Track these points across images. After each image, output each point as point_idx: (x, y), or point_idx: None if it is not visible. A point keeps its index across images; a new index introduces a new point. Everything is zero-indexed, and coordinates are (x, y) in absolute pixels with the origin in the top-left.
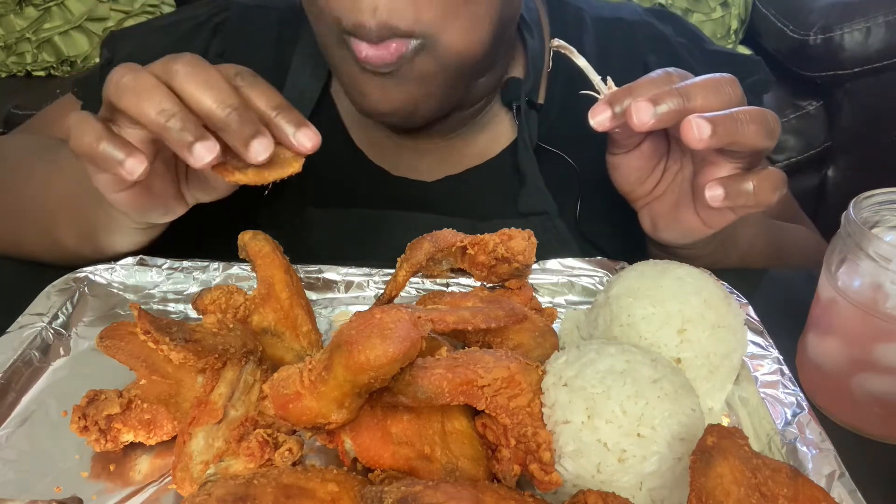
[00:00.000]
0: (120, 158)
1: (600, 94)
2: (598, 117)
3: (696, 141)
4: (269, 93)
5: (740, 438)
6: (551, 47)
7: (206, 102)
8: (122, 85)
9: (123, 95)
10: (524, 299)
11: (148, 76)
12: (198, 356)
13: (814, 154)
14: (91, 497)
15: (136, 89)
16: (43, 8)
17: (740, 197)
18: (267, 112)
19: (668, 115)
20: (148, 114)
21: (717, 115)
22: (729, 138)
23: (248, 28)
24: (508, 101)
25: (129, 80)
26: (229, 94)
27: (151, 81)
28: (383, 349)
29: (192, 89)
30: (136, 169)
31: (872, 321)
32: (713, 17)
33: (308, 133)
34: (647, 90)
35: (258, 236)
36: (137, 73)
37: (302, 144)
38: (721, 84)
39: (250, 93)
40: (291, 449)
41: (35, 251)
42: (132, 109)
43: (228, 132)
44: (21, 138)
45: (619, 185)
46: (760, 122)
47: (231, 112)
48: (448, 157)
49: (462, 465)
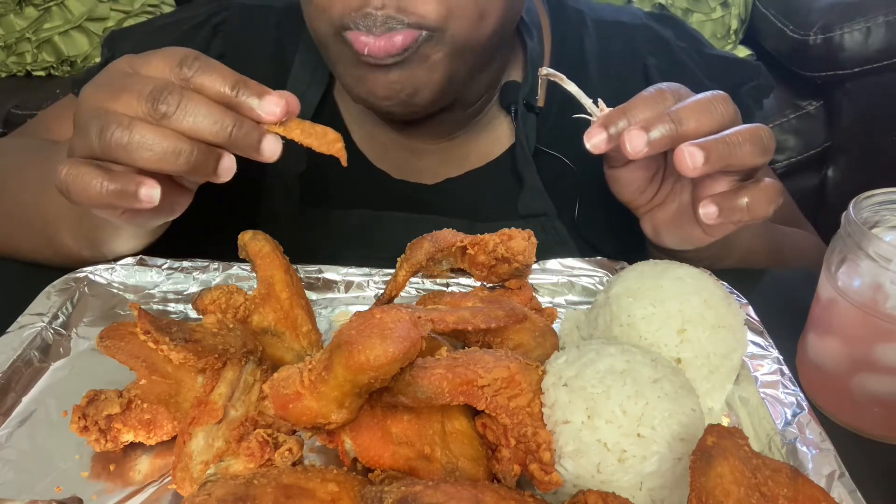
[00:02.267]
0: (133, 191)
1: (593, 116)
2: (593, 140)
3: (689, 170)
4: (222, 72)
5: (740, 438)
6: (540, 76)
7: (205, 134)
8: (116, 143)
9: (128, 154)
10: (524, 299)
11: (141, 128)
12: (198, 356)
13: (814, 154)
14: (91, 497)
15: (138, 145)
16: (43, 8)
17: (735, 213)
18: (226, 93)
19: (661, 141)
20: (164, 166)
21: (710, 141)
22: (723, 163)
23: (248, 28)
24: (507, 104)
25: (120, 137)
26: (221, 115)
27: (146, 135)
28: (383, 349)
29: (187, 127)
30: (153, 196)
31: (872, 321)
32: (713, 17)
33: (271, 99)
34: (641, 111)
35: (258, 236)
36: (128, 129)
37: (270, 112)
38: (713, 104)
39: (202, 79)
40: (291, 449)
41: (35, 255)
42: (150, 166)
43: (237, 147)
44: (17, 142)
45: (619, 196)
46: (754, 142)
47: (231, 129)
48: (448, 160)
49: (462, 465)
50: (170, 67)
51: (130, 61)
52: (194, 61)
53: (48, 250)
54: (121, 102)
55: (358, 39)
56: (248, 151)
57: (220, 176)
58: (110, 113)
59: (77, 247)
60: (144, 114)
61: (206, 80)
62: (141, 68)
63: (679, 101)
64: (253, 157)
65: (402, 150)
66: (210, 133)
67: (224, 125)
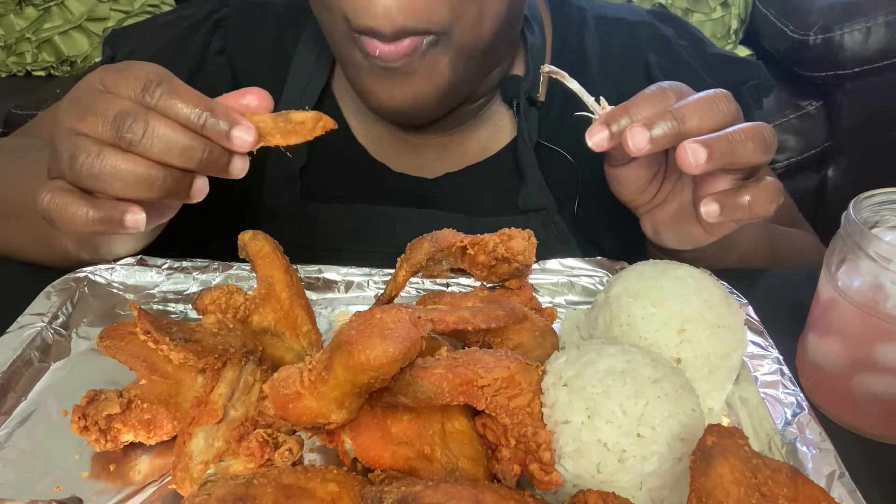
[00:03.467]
0: (118, 219)
1: (594, 114)
2: (595, 138)
3: (692, 167)
4: (187, 98)
5: (740, 438)
6: (543, 73)
7: (175, 162)
8: (86, 172)
9: (99, 184)
10: (524, 299)
11: (111, 156)
12: (198, 356)
13: (814, 154)
14: (91, 497)
15: (109, 175)
16: (43, 8)
17: (736, 211)
18: (193, 122)
19: (664, 138)
20: (137, 195)
21: (713, 138)
22: (725, 160)
23: (249, 24)
24: (509, 98)
25: (90, 167)
26: (189, 140)
27: (117, 163)
28: (383, 349)
29: (156, 154)
30: (139, 222)
31: (872, 321)
32: (713, 17)
33: (242, 129)
34: (643, 109)
35: (258, 236)
36: (98, 157)
37: (242, 141)
38: (715, 102)
39: (167, 104)
40: (291, 449)
41: (35, 255)
42: (123, 195)
43: (207, 171)
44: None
45: (620, 195)
46: (757, 140)
47: (201, 156)
48: (449, 154)
49: (462, 465)
50: (133, 91)
51: (102, 76)
52: (156, 88)
53: (47, 251)
54: (87, 124)
55: (370, 42)
56: (218, 172)
57: (192, 198)
58: (79, 138)
59: (76, 249)
60: (110, 139)
61: (171, 107)
62: (112, 86)
63: (681, 99)
64: (221, 177)
65: (403, 144)
66: (180, 160)
67: (193, 151)
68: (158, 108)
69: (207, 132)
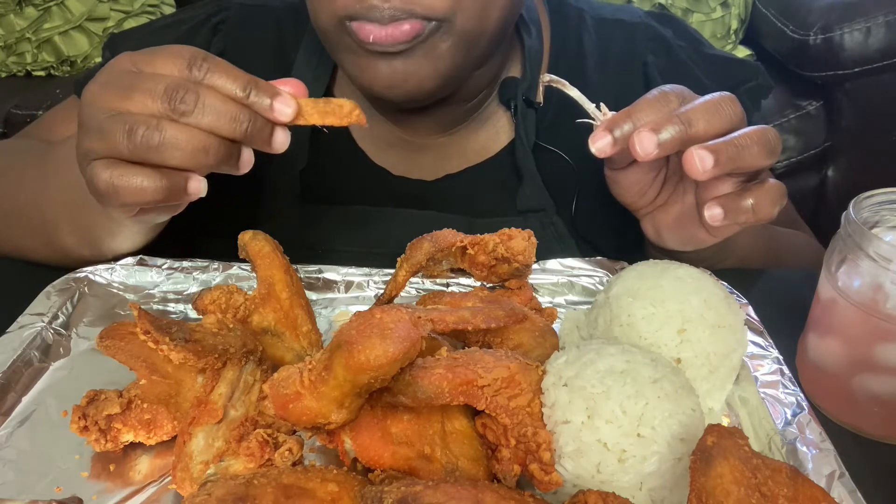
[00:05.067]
0: (183, 186)
1: (596, 121)
2: (598, 144)
3: (699, 173)
4: (231, 73)
5: (740, 438)
6: (543, 82)
7: (224, 131)
8: (146, 144)
9: (159, 154)
10: (524, 299)
11: (170, 127)
12: (198, 356)
13: (814, 154)
14: (91, 497)
15: (169, 145)
16: (43, 8)
17: (740, 215)
18: (238, 94)
19: (672, 142)
20: (194, 163)
21: (719, 143)
22: (731, 165)
23: (248, 27)
24: (506, 100)
25: (150, 138)
26: (237, 111)
27: (176, 134)
28: (383, 349)
29: (206, 124)
30: (201, 189)
31: (872, 321)
32: (713, 17)
33: (283, 100)
34: (646, 114)
35: (258, 236)
36: (157, 129)
37: (284, 114)
38: (721, 105)
39: (214, 77)
40: (291, 449)
41: (35, 255)
42: (180, 164)
43: (252, 142)
44: (17, 143)
45: (621, 198)
46: (762, 144)
47: (247, 126)
48: (448, 156)
49: (462, 465)
50: (178, 67)
51: (132, 59)
52: (203, 62)
53: (48, 250)
54: (134, 102)
55: (362, 28)
56: (261, 145)
57: (240, 168)
58: (132, 114)
59: (77, 246)
60: (162, 113)
61: (217, 80)
62: (146, 66)
63: (683, 102)
64: (264, 150)
65: (402, 145)
66: (228, 130)
67: (240, 122)
68: (206, 81)
69: (251, 103)
